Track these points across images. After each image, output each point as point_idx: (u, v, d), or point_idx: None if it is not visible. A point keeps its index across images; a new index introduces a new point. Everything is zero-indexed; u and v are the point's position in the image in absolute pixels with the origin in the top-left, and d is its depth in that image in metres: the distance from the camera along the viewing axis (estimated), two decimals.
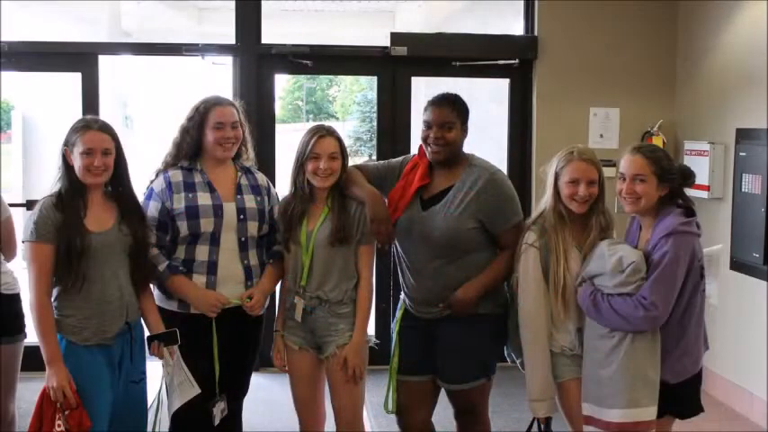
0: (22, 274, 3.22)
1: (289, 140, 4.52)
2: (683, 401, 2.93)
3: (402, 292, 3.28)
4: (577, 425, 2.95)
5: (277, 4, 7.60)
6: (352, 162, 3.26)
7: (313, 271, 3.11)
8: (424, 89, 6.16)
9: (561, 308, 2.93)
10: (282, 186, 3.38)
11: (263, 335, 3.35)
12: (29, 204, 4.86)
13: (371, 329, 4.00)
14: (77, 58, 5.24)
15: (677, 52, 5.42)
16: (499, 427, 4.32)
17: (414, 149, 3.35)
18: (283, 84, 19.51)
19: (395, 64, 5.38)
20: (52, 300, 2.86)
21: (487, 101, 6.38)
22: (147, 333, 3.04)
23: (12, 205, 3.86)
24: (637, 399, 2.79)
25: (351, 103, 19.61)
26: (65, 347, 2.83)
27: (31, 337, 3.06)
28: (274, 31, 5.69)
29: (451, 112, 3.09)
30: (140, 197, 3.10)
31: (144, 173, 3.28)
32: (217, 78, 6.03)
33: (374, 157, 5.86)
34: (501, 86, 5.67)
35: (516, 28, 5.62)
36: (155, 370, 3.10)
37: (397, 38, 5.33)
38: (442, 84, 4.88)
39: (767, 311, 4.49)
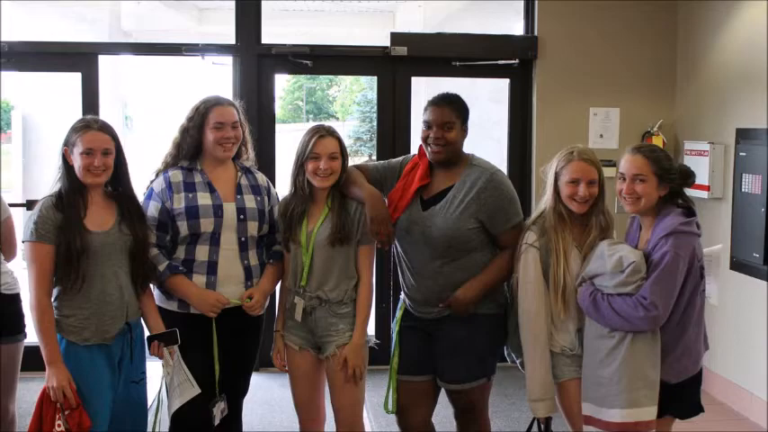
0: (22, 274, 3.22)
1: (289, 140, 4.53)
2: (683, 401, 2.93)
3: (402, 292, 3.28)
4: (577, 425, 2.95)
5: (277, 4, 7.61)
6: (352, 162, 3.26)
7: (313, 271, 3.11)
8: (424, 89, 6.16)
9: (561, 308, 2.93)
10: (282, 186, 3.38)
11: (263, 335, 3.35)
12: (29, 204, 4.86)
13: (371, 329, 4.00)
14: (77, 58, 5.24)
15: (677, 52, 5.42)
16: (499, 427, 4.33)
17: (414, 149, 3.35)
18: (283, 84, 19.55)
19: (395, 64, 5.38)
20: (52, 300, 2.85)
21: (487, 101, 6.39)
22: (147, 333, 3.04)
23: (12, 205, 3.86)
24: (637, 399, 2.78)
25: (351, 103, 19.64)
26: (65, 347, 2.83)
27: (31, 337, 3.06)
28: (274, 31, 5.70)
29: (451, 112, 3.09)
30: (140, 197, 3.11)
31: (144, 173, 3.28)
32: (217, 78, 6.04)
33: (374, 157, 5.85)
34: (501, 86, 5.67)
35: (516, 28, 5.62)
36: (155, 370, 3.10)
37: (397, 38, 5.33)
38: (442, 84, 4.86)
39: (767, 311, 4.49)
